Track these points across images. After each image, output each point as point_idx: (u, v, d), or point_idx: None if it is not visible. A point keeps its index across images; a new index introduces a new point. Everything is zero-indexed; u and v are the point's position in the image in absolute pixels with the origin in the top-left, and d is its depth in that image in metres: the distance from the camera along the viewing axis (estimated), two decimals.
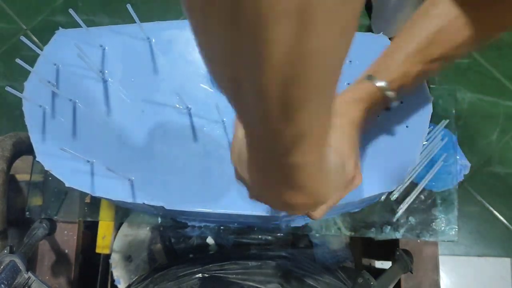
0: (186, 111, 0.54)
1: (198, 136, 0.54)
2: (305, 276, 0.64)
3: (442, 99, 0.71)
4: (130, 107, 0.55)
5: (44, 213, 0.72)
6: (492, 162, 1.28)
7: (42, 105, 0.55)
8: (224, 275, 0.64)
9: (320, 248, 0.80)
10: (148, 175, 0.53)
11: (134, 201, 0.52)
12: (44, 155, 0.54)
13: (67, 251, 0.75)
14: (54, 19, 1.45)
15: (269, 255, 0.70)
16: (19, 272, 0.54)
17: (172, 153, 0.53)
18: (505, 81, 1.33)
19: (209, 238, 0.78)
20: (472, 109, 1.32)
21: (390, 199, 0.67)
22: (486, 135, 1.30)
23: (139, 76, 0.56)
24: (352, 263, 0.81)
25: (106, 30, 0.57)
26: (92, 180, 0.53)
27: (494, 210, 1.25)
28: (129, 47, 0.57)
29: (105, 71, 0.56)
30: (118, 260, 0.82)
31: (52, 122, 0.55)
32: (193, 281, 0.63)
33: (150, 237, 0.82)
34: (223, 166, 0.53)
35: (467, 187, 1.27)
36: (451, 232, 0.67)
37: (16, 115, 1.35)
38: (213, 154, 0.53)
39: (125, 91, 0.56)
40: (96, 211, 0.73)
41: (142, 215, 0.73)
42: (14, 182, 0.81)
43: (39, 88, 0.55)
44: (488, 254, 1.23)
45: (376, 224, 0.67)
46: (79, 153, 0.50)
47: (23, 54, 1.28)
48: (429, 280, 0.70)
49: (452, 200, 0.68)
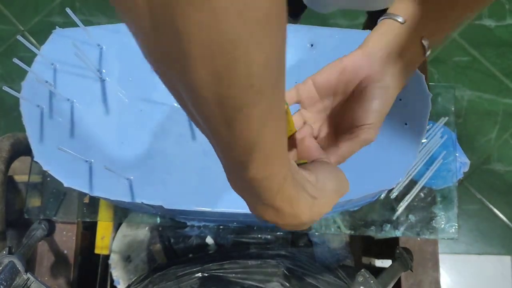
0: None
1: (196, 135, 0.54)
2: (305, 275, 0.64)
3: (441, 96, 0.71)
4: (128, 106, 0.55)
5: (42, 214, 0.72)
6: (492, 159, 1.28)
7: (39, 105, 0.55)
8: (224, 274, 0.63)
9: (320, 247, 0.79)
10: (146, 174, 0.53)
11: (133, 200, 0.52)
12: (42, 155, 0.54)
13: (66, 251, 0.75)
14: (51, 20, 1.45)
15: (269, 254, 0.70)
16: (18, 273, 0.54)
17: (171, 152, 0.53)
18: (504, 79, 1.33)
19: (208, 238, 0.78)
20: (471, 107, 1.32)
21: (389, 197, 0.67)
22: (485, 132, 1.30)
23: (137, 75, 0.56)
24: (352, 262, 0.81)
25: (103, 29, 0.57)
26: (91, 180, 0.53)
27: (494, 208, 1.25)
28: (127, 46, 0.56)
29: (102, 70, 0.56)
30: (117, 261, 0.82)
31: (50, 122, 0.55)
32: (193, 281, 0.63)
33: (149, 237, 0.81)
34: None
35: (467, 185, 1.27)
36: (451, 230, 0.67)
37: (13, 115, 1.35)
38: (211, 153, 0.53)
39: (123, 90, 0.55)
40: (95, 211, 0.73)
41: (141, 215, 0.73)
42: (13, 183, 0.80)
43: (36, 88, 0.55)
44: (488, 252, 1.23)
45: (376, 222, 0.67)
46: (77, 153, 0.50)
47: (20, 55, 1.28)
48: (429, 278, 0.69)
49: (452, 197, 0.68)
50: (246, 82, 0.18)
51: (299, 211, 0.28)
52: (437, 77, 1.35)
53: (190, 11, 0.15)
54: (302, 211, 0.28)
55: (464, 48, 1.36)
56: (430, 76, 1.35)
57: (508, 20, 1.38)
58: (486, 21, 1.38)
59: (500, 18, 1.38)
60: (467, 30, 1.37)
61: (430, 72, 1.34)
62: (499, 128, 1.30)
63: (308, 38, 0.56)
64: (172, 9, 0.15)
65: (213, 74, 0.17)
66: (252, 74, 0.18)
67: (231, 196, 0.52)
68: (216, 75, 0.17)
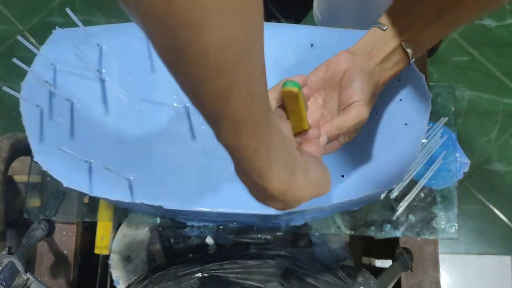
0: (184, 110, 0.54)
1: (196, 135, 0.54)
2: (305, 275, 0.64)
3: (441, 96, 0.71)
4: (128, 106, 0.55)
5: (42, 214, 0.72)
6: (492, 160, 1.28)
7: (39, 105, 0.55)
8: (224, 274, 0.63)
9: (320, 247, 0.79)
10: (146, 174, 0.53)
11: (133, 200, 0.52)
12: (42, 155, 0.54)
13: (65, 252, 0.75)
14: (51, 20, 1.45)
15: (268, 254, 0.70)
16: (18, 273, 0.54)
17: (171, 152, 0.53)
18: (504, 79, 1.33)
19: (208, 238, 0.78)
20: (471, 107, 1.31)
21: (389, 197, 0.67)
22: (486, 132, 1.30)
23: (137, 75, 0.56)
24: (352, 262, 0.81)
25: (103, 29, 0.57)
26: (90, 180, 0.53)
27: (494, 208, 1.25)
28: (127, 46, 0.56)
29: (102, 70, 0.56)
30: (117, 261, 0.82)
31: (49, 122, 0.55)
32: (193, 281, 0.63)
33: (149, 237, 0.81)
34: (222, 165, 0.53)
35: (467, 185, 1.26)
36: (451, 230, 0.67)
37: (13, 115, 1.35)
38: (211, 153, 0.53)
39: (122, 90, 0.55)
40: (94, 211, 0.73)
41: (140, 215, 0.73)
42: (12, 183, 0.80)
43: (36, 88, 0.55)
44: (489, 252, 1.23)
45: (376, 222, 0.67)
46: (77, 153, 0.50)
47: (20, 55, 1.27)
48: (429, 278, 0.69)
49: (452, 197, 0.68)
50: (202, 63, 0.19)
51: (270, 185, 0.29)
52: (437, 77, 1.35)
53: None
54: (275, 186, 0.29)
55: (464, 48, 1.36)
56: (430, 76, 1.34)
57: (508, 20, 1.38)
58: (486, 21, 1.38)
59: (500, 18, 1.38)
60: (467, 30, 1.37)
61: (430, 72, 1.34)
62: (499, 128, 1.30)
63: (308, 38, 0.56)
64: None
65: (172, 53, 0.19)
66: (207, 56, 0.19)
67: (231, 196, 0.52)
68: (175, 54, 0.19)
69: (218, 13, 0.18)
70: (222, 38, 0.19)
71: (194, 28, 0.18)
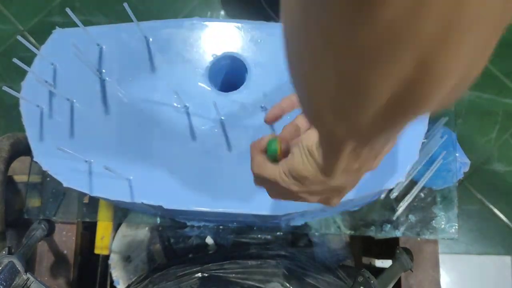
0: (184, 110, 0.54)
1: (196, 135, 0.54)
2: (305, 275, 0.64)
3: None
4: (128, 106, 0.55)
5: (42, 214, 0.72)
6: (492, 160, 1.28)
7: (39, 105, 0.55)
8: (224, 274, 0.63)
9: (320, 247, 0.79)
10: (146, 174, 0.53)
11: (133, 200, 0.52)
12: (42, 155, 0.54)
13: (65, 252, 0.75)
14: (51, 20, 1.45)
15: (268, 254, 0.70)
16: (18, 273, 0.54)
17: (170, 152, 0.53)
18: (503, 79, 1.33)
19: (208, 238, 0.78)
20: (471, 107, 1.31)
21: (389, 197, 0.67)
22: (486, 132, 1.30)
23: (137, 75, 0.56)
24: (352, 262, 0.81)
25: (103, 29, 0.57)
26: (90, 180, 0.53)
27: (494, 208, 1.25)
28: (127, 46, 0.56)
29: (102, 70, 0.56)
30: (117, 261, 0.82)
31: (49, 122, 0.55)
32: (193, 281, 0.63)
33: (149, 237, 0.81)
34: (222, 165, 0.53)
35: (467, 185, 1.26)
36: (451, 230, 0.67)
37: (13, 115, 1.35)
38: (211, 153, 0.53)
39: (122, 90, 0.55)
40: (94, 211, 0.73)
41: (140, 215, 0.73)
42: (12, 184, 0.80)
43: (36, 88, 0.55)
44: (489, 252, 1.23)
45: (376, 222, 0.67)
46: (77, 153, 0.50)
47: (20, 55, 1.27)
48: (429, 278, 0.69)
49: (452, 197, 0.68)
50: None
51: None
52: None
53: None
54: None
55: None
56: None
57: None
58: None
59: None
60: None
61: None
62: (499, 128, 1.30)
63: None
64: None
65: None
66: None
67: (231, 196, 0.52)
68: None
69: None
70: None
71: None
